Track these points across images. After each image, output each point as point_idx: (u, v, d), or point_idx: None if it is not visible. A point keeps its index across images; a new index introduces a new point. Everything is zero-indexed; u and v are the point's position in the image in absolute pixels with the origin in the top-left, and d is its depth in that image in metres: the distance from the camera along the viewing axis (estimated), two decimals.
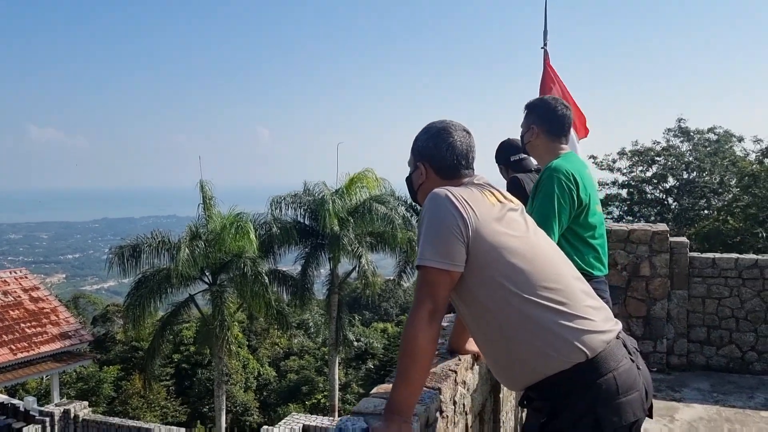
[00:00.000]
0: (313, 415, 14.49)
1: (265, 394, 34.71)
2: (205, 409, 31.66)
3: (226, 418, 20.78)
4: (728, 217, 17.96)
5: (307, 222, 21.49)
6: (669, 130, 23.80)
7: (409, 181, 2.20)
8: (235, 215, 19.21)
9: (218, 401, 20.07)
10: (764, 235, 16.46)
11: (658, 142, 23.59)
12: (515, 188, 3.70)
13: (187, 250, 18.05)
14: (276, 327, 29.87)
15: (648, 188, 23.32)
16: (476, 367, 2.71)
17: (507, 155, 4.06)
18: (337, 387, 22.51)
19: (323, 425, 12.14)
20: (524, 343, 1.84)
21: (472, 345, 2.58)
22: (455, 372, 2.38)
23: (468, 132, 2.11)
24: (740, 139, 22.75)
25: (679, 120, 23.61)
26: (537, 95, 4.76)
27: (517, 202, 2.04)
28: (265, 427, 13.45)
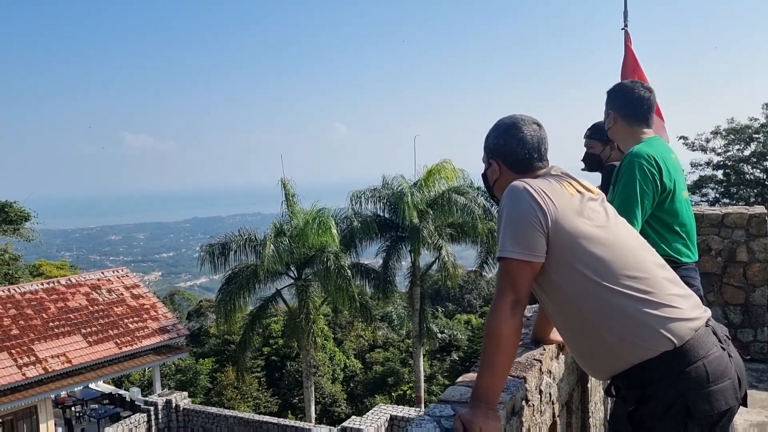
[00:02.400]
0: (399, 406, 14.66)
1: (351, 385, 35.41)
2: (294, 400, 32.69)
3: (315, 409, 21.35)
4: None
5: (386, 215, 21.66)
6: None
7: (484, 177, 2.22)
8: (317, 211, 19.64)
9: (307, 392, 20.66)
10: None
11: (756, 119, 22.10)
12: (610, 175, 3.62)
13: (272, 246, 18.65)
14: (360, 320, 30.42)
15: (747, 168, 21.92)
16: (561, 357, 2.69)
17: (604, 135, 3.96)
18: (422, 378, 22.62)
19: (410, 416, 12.27)
20: (609, 332, 1.83)
21: (556, 335, 2.57)
22: (540, 362, 2.38)
23: (539, 124, 2.11)
24: None
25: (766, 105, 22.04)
26: (618, 79, 4.60)
27: (597, 192, 2.01)
28: (353, 417, 13.74)
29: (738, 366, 1.86)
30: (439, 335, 33.57)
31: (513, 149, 2.06)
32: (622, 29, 4.56)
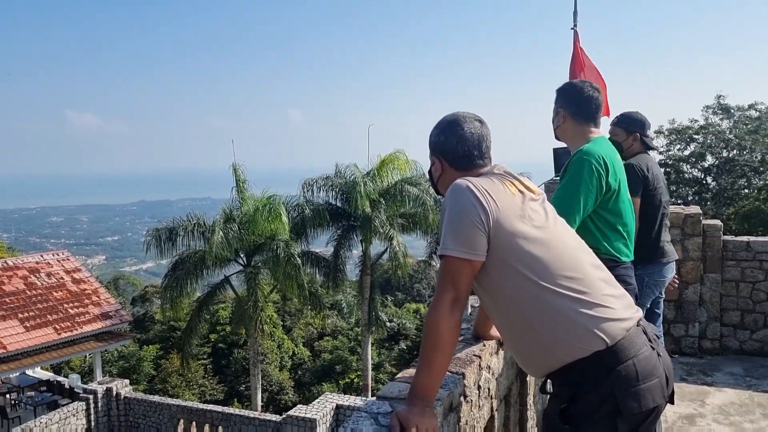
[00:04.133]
0: (345, 395, 14.71)
1: (299, 373, 35.32)
2: (241, 388, 32.39)
3: (261, 397, 21.24)
4: None
5: (339, 204, 21.61)
6: (708, 107, 23.17)
7: (429, 174, 2.23)
8: (268, 198, 19.43)
9: (254, 380, 20.52)
10: None
11: (696, 120, 22.99)
12: (628, 174, 3.59)
13: (221, 232, 18.37)
14: (309, 308, 30.31)
15: (686, 167, 22.81)
16: (501, 353, 2.74)
17: (638, 128, 4.06)
18: (370, 367, 22.76)
19: (356, 405, 12.32)
20: (544, 331, 1.88)
21: (496, 331, 2.62)
22: (479, 357, 2.42)
23: (481, 121, 2.12)
24: None
25: (719, 97, 22.96)
26: (567, 77, 4.69)
27: (538, 192, 2.05)
28: (299, 405, 13.71)
29: (666, 365, 1.93)
30: (388, 324, 33.81)
31: (453, 146, 2.07)
32: (571, 29, 4.64)
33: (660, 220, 4.00)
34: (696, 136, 22.48)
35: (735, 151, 21.97)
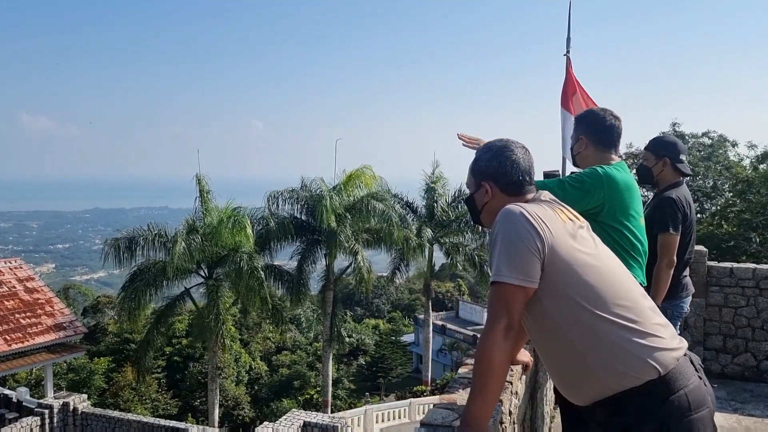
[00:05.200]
0: (312, 412, 14.52)
1: (256, 388, 34.69)
2: (196, 403, 31.61)
3: (218, 412, 20.78)
4: (722, 222, 18.15)
5: (304, 217, 21.52)
6: (663, 133, 24.00)
7: (470, 201, 2.20)
8: (233, 210, 19.18)
9: (211, 395, 20.07)
10: (758, 240, 16.66)
11: None
12: (667, 207, 3.60)
13: (183, 243, 18.02)
14: (269, 322, 29.88)
15: (642, 191, 23.53)
16: (523, 378, 2.76)
17: (668, 152, 3.80)
18: (330, 383, 22.56)
19: (324, 422, 12.17)
20: (595, 359, 1.87)
21: (522, 355, 2.64)
22: (510, 383, 2.43)
23: (527, 149, 2.16)
24: (734, 144, 22.98)
25: (674, 124, 23.82)
26: (558, 103, 4.81)
27: (582, 220, 2.07)
28: (266, 423, 13.45)
29: (711, 395, 1.94)
30: (348, 339, 33.65)
31: (506, 171, 2.08)
32: (564, 55, 4.76)
33: (689, 255, 3.92)
34: None
35: (688, 177, 22.76)
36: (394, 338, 37.74)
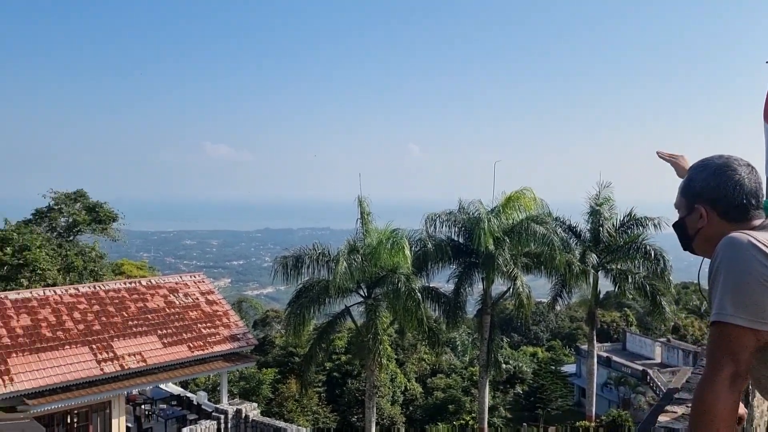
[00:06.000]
0: None
1: (411, 409, 34.91)
2: (353, 419, 32.48)
3: (375, 430, 21.09)
4: None
5: (461, 240, 21.38)
6: None
7: (680, 226, 1.94)
8: (391, 231, 19.55)
9: (368, 412, 20.44)
10: None
11: None
12: None
13: (345, 263, 18.67)
14: (425, 343, 29.96)
15: None
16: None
17: None
18: (486, 410, 21.98)
19: None
20: None
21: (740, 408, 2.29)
22: None
23: (752, 167, 1.85)
24: None
25: None
26: (761, 118, 4.18)
27: None
28: None
29: None
30: (504, 366, 32.72)
31: (727, 194, 1.80)
32: (767, 62, 4.15)
33: None
34: None
35: None
36: (553, 368, 36.02)
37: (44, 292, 17.97)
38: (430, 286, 21.71)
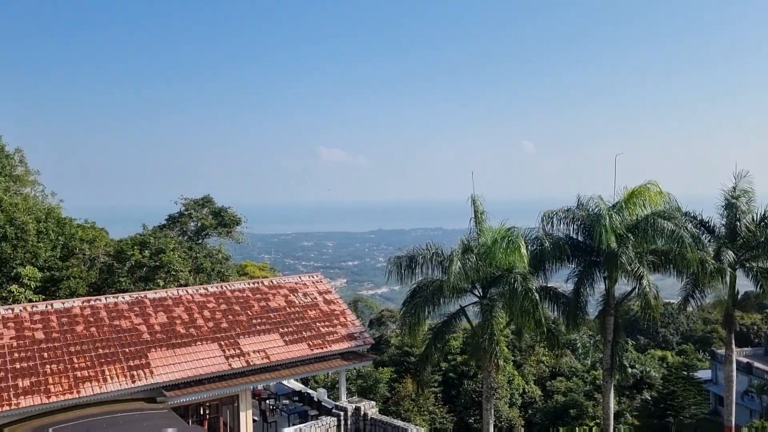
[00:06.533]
0: None
1: (530, 412, 34.00)
2: (470, 420, 32.15)
3: None
4: None
5: (580, 238, 20.46)
6: None
7: None
8: (506, 230, 19.07)
9: (486, 414, 20.07)
10: None
11: None
12: None
13: (459, 262, 18.44)
14: (543, 345, 29.04)
15: None
16: None
17: None
18: (612, 416, 20.87)
19: None
20: None
21: None
22: None
23: None
24: None
25: None
26: None
27: None
28: None
29: None
30: (630, 370, 31.00)
31: None
32: None
33: None
34: None
35: None
36: (686, 373, 33.59)
37: (177, 292, 19.28)
38: (548, 285, 20.93)
